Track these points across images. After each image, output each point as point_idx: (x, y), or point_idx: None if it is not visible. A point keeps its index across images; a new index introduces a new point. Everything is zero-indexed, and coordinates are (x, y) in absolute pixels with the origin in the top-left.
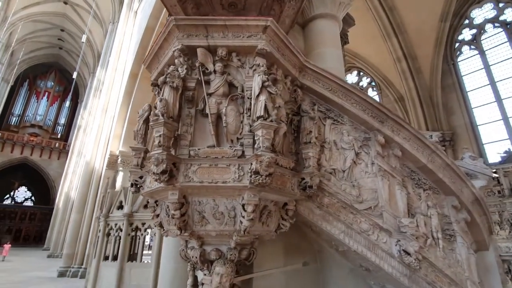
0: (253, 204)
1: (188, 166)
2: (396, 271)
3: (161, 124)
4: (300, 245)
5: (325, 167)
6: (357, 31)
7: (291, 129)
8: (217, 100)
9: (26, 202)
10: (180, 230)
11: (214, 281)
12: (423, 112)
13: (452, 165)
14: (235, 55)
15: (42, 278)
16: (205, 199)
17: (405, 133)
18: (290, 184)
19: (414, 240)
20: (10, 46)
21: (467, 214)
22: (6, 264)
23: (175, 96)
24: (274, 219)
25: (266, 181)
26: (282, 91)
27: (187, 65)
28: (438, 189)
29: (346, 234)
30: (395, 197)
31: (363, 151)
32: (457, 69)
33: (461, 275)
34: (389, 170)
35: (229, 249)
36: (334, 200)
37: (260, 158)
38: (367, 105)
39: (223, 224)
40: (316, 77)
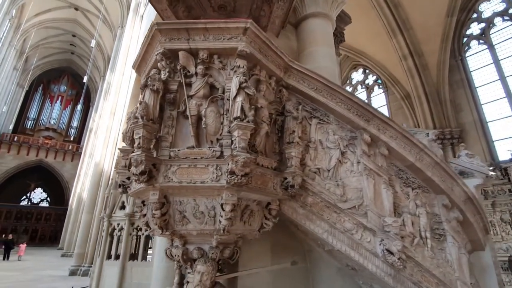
0: (231, 203)
1: (168, 167)
2: (381, 271)
3: (140, 126)
4: (289, 244)
5: (310, 167)
6: (362, 29)
7: (275, 129)
8: (198, 102)
9: (42, 203)
10: (162, 229)
11: (195, 279)
12: (430, 109)
13: (441, 163)
14: (216, 57)
15: (54, 276)
16: (186, 199)
17: (391, 132)
18: (272, 183)
19: (397, 239)
20: (24, 52)
21: (459, 213)
22: (21, 263)
23: (155, 98)
24: (257, 218)
25: (242, 181)
26: (266, 92)
27: (169, 68)
28: (427, 188)
29: (330, 233)
30: (381, 196)
31: (349, 150)
32: (465, 64)
33: (450, 275)
34: (375, 169)
35: (211, 248)
36: (318, 200)
37: (235, 158)
38: (352, 104)
39: (203, 224)
40: (301, 77)
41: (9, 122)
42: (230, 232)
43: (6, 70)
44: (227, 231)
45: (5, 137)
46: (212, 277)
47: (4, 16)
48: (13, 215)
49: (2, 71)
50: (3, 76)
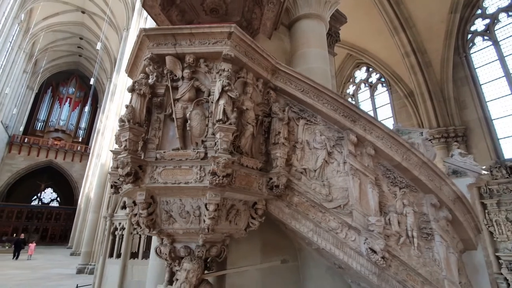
0: (214, 203)
1: (154, 168)
2: (365, 269)
3: (126, 129)
4: (280, 243)
5: (296, 167)
6: (364, 27)
7: (262, 130)
8: (183, 105)
9: (52, 203)
10: (149, 228)
11: (181, 276)
12: (434, 107)
13: (429, 163)
14: (203, 61)
15: (62, 274)
16: (172, 199)
17: (377, 132)
18: (257, 184)
19: (380, 238)
20: (33, 56)
21: (448, 212)
22: (31, 262)
23: (142, 102)
24: (244, 218)
25: (224, 182)
26: (253, 94)
27: (157, 73)
28: (416, 187)
29: (315, 232)
30: (367, 195)
31: (336, 150)
32: (470, 61)
33: (437, 274)
34: (361, 169)
35: (197, 247)
36: (304, 199)
37: (217, 159)
38: (338, 105)
39: (189, 223)
40: (288, 79)
41: (19, 124)
42: (215, 231)
43: (16, 73)
44: (212, 230)
45: (16, 138)
46: (198, 274)
47: (13, 20)
48: (24, 215)
49: (12, 74)
50: (14, 79)
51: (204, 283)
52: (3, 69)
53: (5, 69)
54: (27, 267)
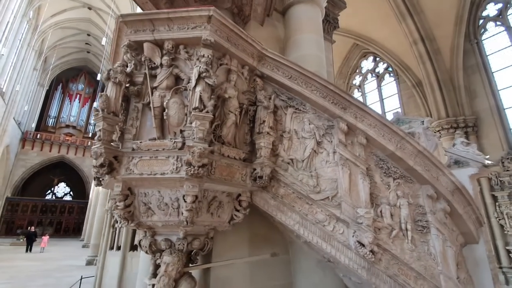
0: (192, 195)
1: (130, 159)
2: (354, 263)
3: (100, 119)
4: (269, 236)
5: (283, 157)
6: (370, 15)
7: (247, 120)
8: (161, 93)
9: (66, 196)
10: (127, 220)
11: (161, 269)
12: (443, 96)
13: (425, 152)
14: (182, 48)
15: (72, 266)
16: (151, 191)
17: (369, 120)
18: (240, 175)
19: (369, 231)
20: (42, 53)
21: (446, 204)
22: (44, 255)
23: (118, 91)
24: (227, 210)
25: (199, 172)
26: (237, 81)
27: (135, 61)
28: (411, 178)
29: (301, 224)
30: (357, 186)
31: (325, 140)
32: (481, 48)
33: (433, 269)
34: (351, 159)
35: (178, 239)
36: (290, 191)
37: (192, 149)
38: (328, 92)
39: (167, 215)
40: (276, 65)
41: (31, 121)
42: (195, 223)
43: (26, 71)
44: (191, 223)
45: (28, 135)
46: (179, 267)
47: (22, 18)
48: (39, 208)
49: (23, 72)
50: (24, 77)
51: (185, 276)
52: (13, 67)
53: (15, 66)
54: (39, 259)
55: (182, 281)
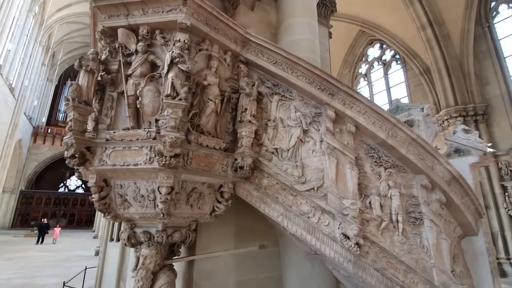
0: (167, 186)
1: (103, 150)
2: (339, 256)
3: (71, 108)
4: (258, 228)
5: (267, 147)
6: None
7: (229, 108)
8: (135, 81)
9: (78, 189)
10: (103, 212)
11: (139, 262)
12: (452, 83)
13: (418, 140)
14: (159, 33)
15: (81, 256)
16: (127, 182)
17: (359, 106)
18: (221, 165)
19: (354, 223)
20: (50, 48)
21: (441, 195)
22: (56, 245)
23: (90, 79)
24: (208, 201)
25: (172, 162)
26: (219, 68)
27: (110, 48)
28: (404, 167)
29: (285, 216)
30: (345, 176)
31: (312, 128)
32: (493, 32)
33: (425, 262)
34: (339, 148)
35: (157, 232)
36: (274, 182)
37: (163, 138)
38: (314, 77)
39: (144, 207)
40: (260, 50)
41: (42, 115)
42: (173, 215)
43: (35, 66)
44: (168, 215)
45: (39, 129)
46: (157, 260)
47: (28, 13)
48: (52, 201)
49: (31, 67)
50: (33, 72)
51: (165, 269)
52: (22, 62)
53: (23, 62)
54: (51, 250)
55: (161, 273)
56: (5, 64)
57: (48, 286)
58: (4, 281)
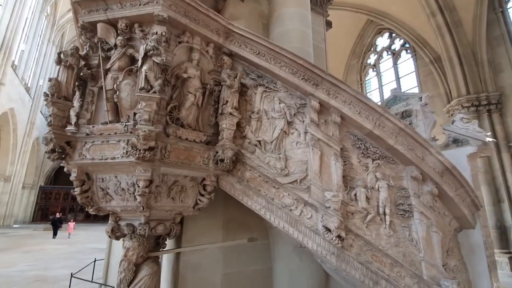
0: (144, 179)
1: (83, 144)
2: (322, 249)
3: (50, 104)
4: (246, 220)
5: (250, 139)
6: None
7: (212, 101)
8: (114, 75)
9: None
10: (86, 205)
11: (122, 254)
12: (463, 72)
13: (407, 129)
14: (137, 26)
15: (94, 248)
16: (108, 176)
17: (344, 96)
18: (202, 158)
19: (336, 215)
20: (63, 47)
21: (433, 187)
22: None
23: (70, 75)
24: (191, 195)
25: (146, 155)
26: (201, 61)
27: (90, 43)
28: (393, 159)
29: (267, 209)
30: (330, 168)
31: (297, 119)
32: (507, 17)
33: (413, 256)
34: (324, 139)
35: (140, 224)
36: (256, 174)
37: (136, 131)
38: (298, 67)
39: (125, 200)
40: (243, 41)
41: None
42: (154, 208)
43: (49, 66)
44: (147, 208)
45: None
46: (140, 252)
47: (40, 14)
48: (70, 196)
49: (46, 66)
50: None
51: (148, 261)
52: (36, 62)
53: (38, 62)
54: (66, 243)
55: (144, 265)
56: (20, 64)
57: (59, 277)
58: (18, 273)
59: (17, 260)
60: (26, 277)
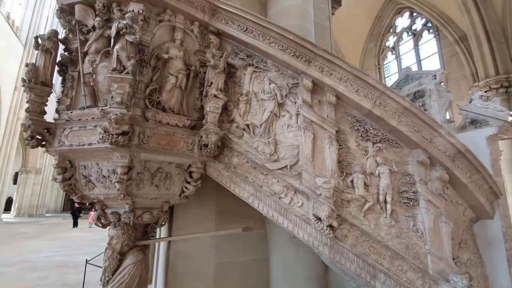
0: (121, 166)
1: (62, 131)
2: (314, 239)
3: (27, 90)
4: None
5: (238, 123)
6: None
7: (197, 83)
8: (91, 58)
9: None
10: (70, 193)
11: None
12: (492, 50)
13: (412, 108)
14: (116, 6)
15: None
16: (90, 163)
17: (339, 73)
18: (186, 143)
19: (326, 203)
20: None
21: (444, 172)
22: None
23: (47, 59)
24: (177, 182)
25: (119, 140)
26: (185, 41)
27: (70, 26)
28: (397, 142)
29: (256, 197)
30: (323, 153)
31: (288, 101)
32: None
33: (418, 248)
34: (317, 121)
35: (124, 213)
36: (244, 160)
37: (108, 115)
38: (288, 43)
39: (106, 188)
40: (230, 18)
41: None
42: (136, 196)
43: None
44: (127, 195)
45: None
46: (125, 240)
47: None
48: None
49: None
50: None
51: (134, 249)
52: None
53: None
54: (89, 231)
55: (130, 254)
56: None
57: (79, 263)
58: (44, 259)
59: (44, 246)
60: (50, 262)
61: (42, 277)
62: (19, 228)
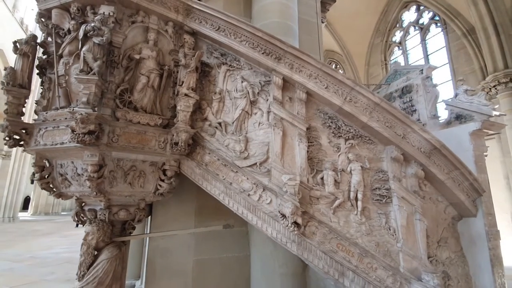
0: (91, 164)
1: (37, 131)
2: (282, 236)
3: (5, 92)
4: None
5: (211, 121)
6: None
7: (171, 82)
8: (65, 60)
9: None
10: (48, 191)
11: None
12: (500, 43)
13: (383, 104)
14: (89, 9)
15: None
16: (65, 162)
17: (309, 69)
18: (157, 142)
19: (290, 200)
20: None
21: (418, 168)
22: None
23: (25, 63)
24: (152, 180)
25: (85, 139)
26: (160, 41)
27: (48, 30)
28: (370, 138)
29: (226, 194)
30: (293, 150)
31: (261, 98)
32: None
33: (389, 245)
34: (287, 118)
35: (100, 210)
36: (215, 158)
37: (74, 115)
38: (258, 40)
39: (81, 186)
40: (204, 17)
41: None
42: (109, 194)
43: None
44: (99, 192)
45: None
46: (100, 236)
47: None
48: None
49: None
50: None
51: (110, 245)
52: None
53: None
54: None
55: (105, 250)
56: None
57: None
58: (53, 255)
59: (55, 243)
60: (59, 258)
61: (48, 272)
62: (33, 226)
